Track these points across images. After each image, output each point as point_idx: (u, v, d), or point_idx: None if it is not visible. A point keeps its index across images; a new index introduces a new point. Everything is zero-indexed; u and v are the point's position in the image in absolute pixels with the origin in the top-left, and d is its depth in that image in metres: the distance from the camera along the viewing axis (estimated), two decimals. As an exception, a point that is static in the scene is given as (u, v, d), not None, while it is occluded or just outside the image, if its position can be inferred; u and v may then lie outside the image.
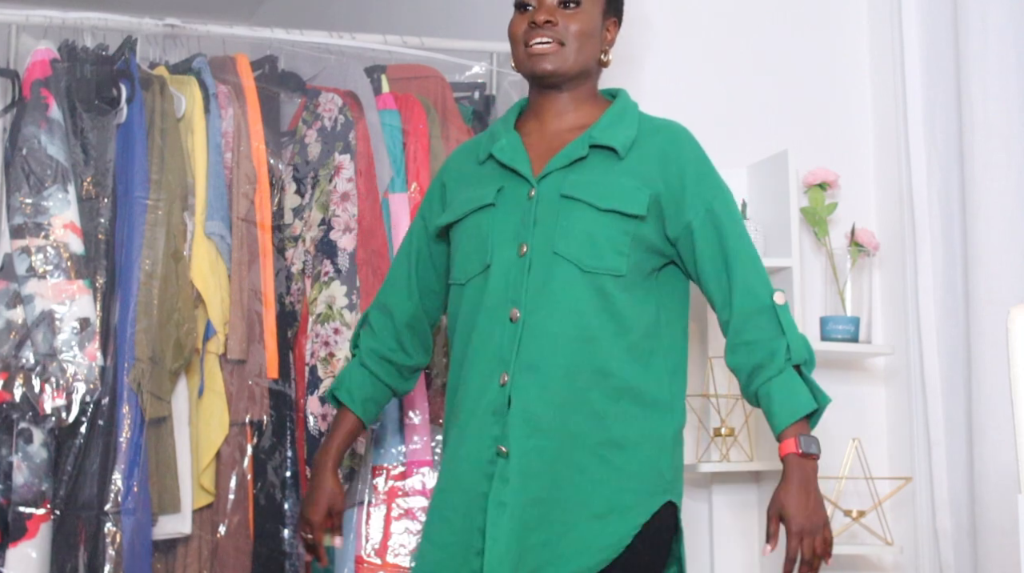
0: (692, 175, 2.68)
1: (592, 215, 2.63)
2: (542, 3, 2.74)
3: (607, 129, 2.72)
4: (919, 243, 3.56)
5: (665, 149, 2.70)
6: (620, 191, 2.64)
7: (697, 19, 3.76)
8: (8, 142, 3.40)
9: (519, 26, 2.75)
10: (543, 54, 2.71)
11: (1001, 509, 3.26)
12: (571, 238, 2.63)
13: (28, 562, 3.26)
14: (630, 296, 2.64)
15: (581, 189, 2.65)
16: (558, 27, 2.72)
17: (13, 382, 3.29)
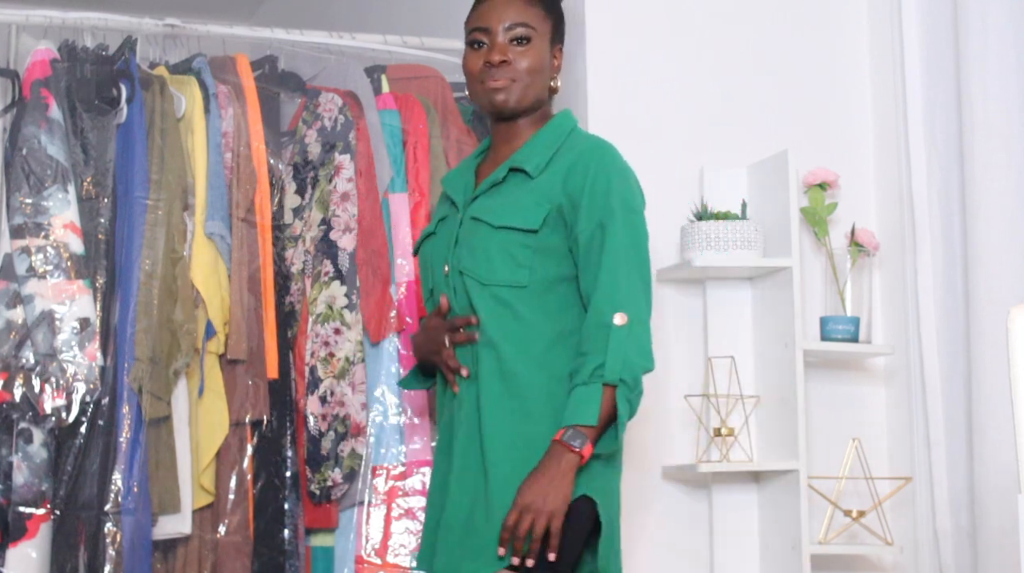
0: (590, 190, 2.75)
1: (487, 232, 2.78)
2: (495, 43, 2.85)
3: (526, 152, 2.84)
4: (919, 243, 3.56)
5: (572, 165, 2.79)
6: (517, 208, 2.77)
7: (697, 19, 3.76)
8: (8, 142, 3.40)
9: (474, 63, 2.87)
10: (500, 89, 2.84)
11: (1001, 509, 3.26)
12: (472, 256, 2.79)
13: (28, 562, 3.26)
14: (538, 305, 2.76)
15: (485, 210, 2.81)
16: (512, 65, 2.84)
17: (13, 382, 3.29)
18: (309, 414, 3.53)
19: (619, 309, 2.70)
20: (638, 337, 2.71)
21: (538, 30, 2.86)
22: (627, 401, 2.67)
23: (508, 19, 2.85)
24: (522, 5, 2.87)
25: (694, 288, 3.65)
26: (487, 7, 2.89)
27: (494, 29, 2.85)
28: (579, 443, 2.63)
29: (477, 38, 2.88)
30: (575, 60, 3.70)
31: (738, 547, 3.56)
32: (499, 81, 2.83)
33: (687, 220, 3.59)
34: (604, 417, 2.66)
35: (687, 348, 3.62)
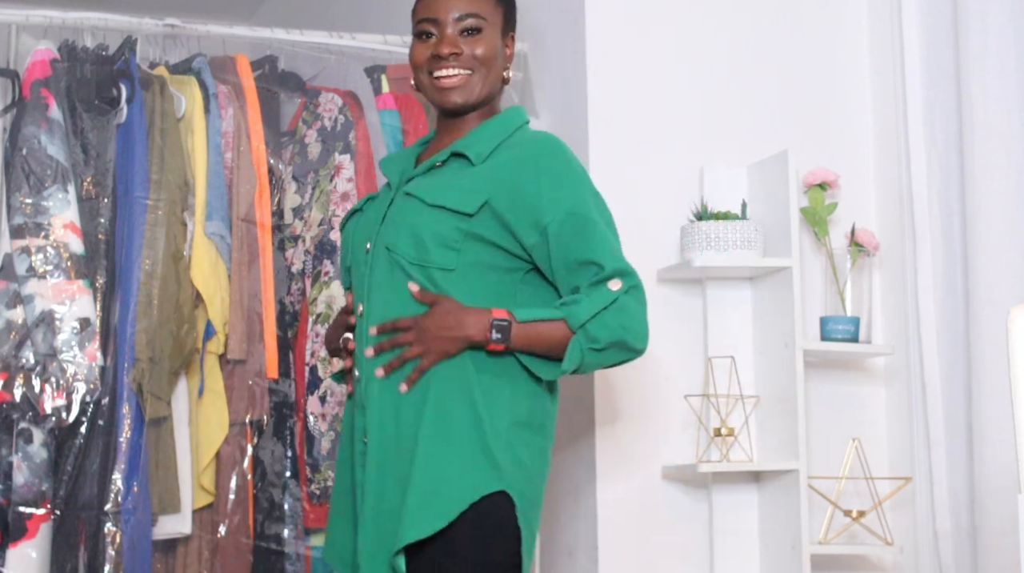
0: (547, 184, 2.66)
1: (419, 209, 2.68)
2: (444, 34, 2.75)
3: (470, 140, 2.75)
4: (919, 243, 3.56)
5: (518, 162, 2.69)
6: (455, 190, 2.67)
7: (697, 19, 3.76)
8: (8, 142, 3.40)
9: (422, 54, 2.77)
10: (451, 88, 2.75)
11: (1001, 509, 3.26)
12: (399, 232, 2.69)
13: (28, 562, 3.26)
14: (467, 291, 2.66)
15: (420, 188, 2.71)
16: (463, 56, 2.75)
17: (13, 382, 3.29)
18: (309, 414, 3.54)
19: (616, 276, 2.64)
20: (623, 309, 2.63)
21: (489, 20, 2.77)
22: (581, 350, 2.60)
23: (458, 9, 2.75)
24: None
25: (694, 288, 3.65)
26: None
27: (443, 20, 2.75)
28: (498, 336, 2.60)
29: (425, 28, 2.77)
30: (575, 60, 3.70)
31: (738, 547, 3.56)
32: (451, 78, 2.74)
33: (687, 220, 3.59)
34: (541, 337, 2.61)
35: (687, 348, 3.62)
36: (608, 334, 2.61)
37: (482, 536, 2.58)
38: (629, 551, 3.53)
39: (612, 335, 2.62)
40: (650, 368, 3.60)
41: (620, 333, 2.62)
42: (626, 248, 3.58)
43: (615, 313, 2.62)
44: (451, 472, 2.59)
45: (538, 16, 3.90)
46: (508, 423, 2.64)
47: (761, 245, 3.53)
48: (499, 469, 2.60)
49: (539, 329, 2.62)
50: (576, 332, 2.61)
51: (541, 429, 2.73)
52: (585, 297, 2.62)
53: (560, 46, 3.79)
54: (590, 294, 2.63)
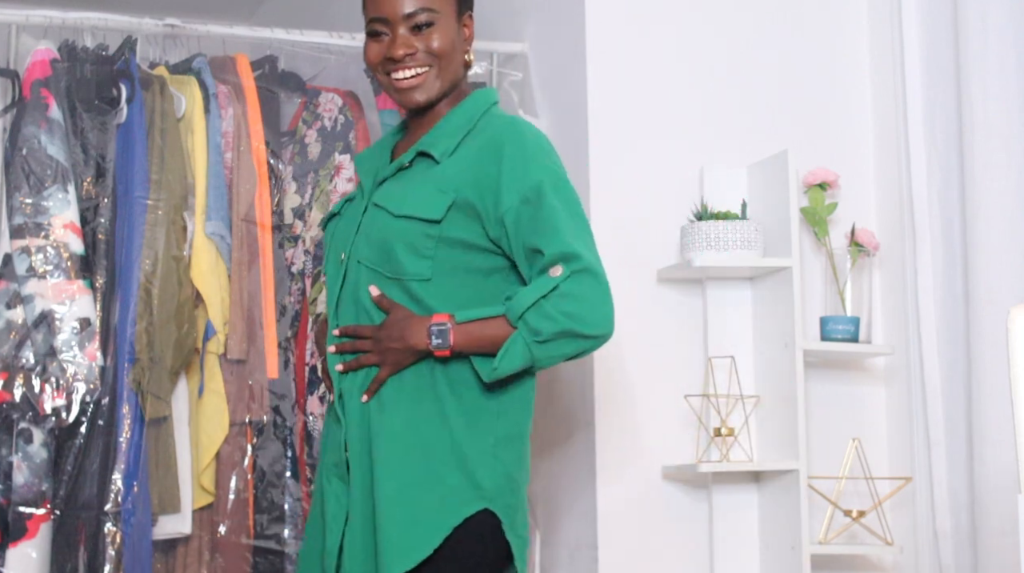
0: (506, 171, 2.57)
1: (388, 222, 2.61)
2: (396, 34, 2.66)
3: (434, 136, 2.67)
4: (919, 243, 3.56)
5: (481, 150, 2.61)
6: (420, 197, 2.60)
7: (697, 19, 3.76)
8: (8, 142, 3.40)
9: (375, 55, 2.69)
10: (410, 88, 2.67)
11: (1001, 509, 3.26)
12: (371, 246, 2.62)
13: (28, 562, 3.26)
14: (442, 296, 2.59)
15: (387, 197, 2.64)
16: (418, 55, 2.66)
17: (13, 382, 3.29)
18: (309, 414, 3.53)
19: (558, 262, 2.51)
20: (567, 296, 2.50)
21: (441, 10, 2.66)
22: (525, 345, 2.50)
23: (405, 7, 2.64)
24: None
25: (694, 288, 3.65)
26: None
27: (393, 18, 2.65)
28: (439, 341, 2.52)
29: (376, 28, 2.68)
30: (575, 60, 3.70)
31: (738, 547, 3.56)
32: (408, 79, 2.66)
33: (687, 220, 3.59)
34: (484, 336, 2.52)
35: (687, 348, 3.62)
36: (551, 324, 2.49)
37: (469, 558, 2.53)
38: (629, 551, 3.53)
39: (555, 325, 2.49)
40: (650, 368, 3.60)
41: (564, 322, 2.48)
42: (626, 248, 3.61)
43: (556, 300, 2.49)
44: (430, 499, 2.52)
45: (538, 16, 3.91)
46: (495, 440, 2.58)
47: (761, 245, 3.53)
48: (481, 488, 2.54)
49: (481, 328, 2.53)
50: (517, 326, 2.50)
51: (524, 434, 2.65)
52: (526, 288, 2.52)
53: (560, 46, 3.79)
54: (533, 283, 2.52)
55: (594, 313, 2.52)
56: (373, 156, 2.81)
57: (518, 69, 3.91)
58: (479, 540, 2.53)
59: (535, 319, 2.49)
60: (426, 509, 2.52)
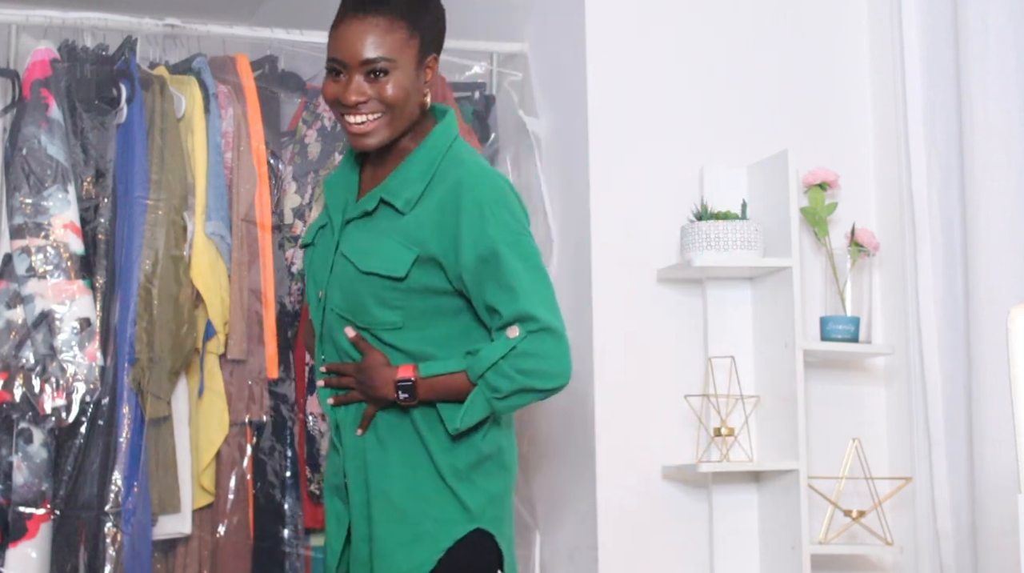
0: (464, 227, 2.61)
1: (355, 275, 2.67)
2: (351, 79, 2.64)
3: (397, 182, 2.68)
4: (919, 243, 3.56)
5: (442, 203, 2.64)
6: (384, 253, 2.65)
7: (697, 19, 3.76)
8: (8, 142, 3.40)
9: (331, 93, 2.67)
10: (360, 134, 2.66)
11: (1001, 509, 3.26)
12: (344, 296, 2.69)
13: (28, 562, 3.26)
14: (417, 340, 2.67)
15: (353, 247, 2.69)
16: (370, 102, 2.64)
17: (13, 382, 3.29)
18: (309, 414, 3.53)
19: (514, 323, 2.60)
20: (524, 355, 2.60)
21: (399, 59, 2.63)
22: (486, 401, 2.60)
23: (363, 54, 2.61)
24: (379, 34, 2.62)
25: (694, 288, 3.65)
26: (343, 35, 2.64)
27: (350, 63, 2.63)
28: (405, 395, 2.62)
29: (334, 67, 2.66)
30: (575, 60, 3.70)
31: (738, 547, 3.56)
32: (359, 124, 2.65)
33: (687, 220, 3.59)
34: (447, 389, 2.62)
35: (687, 348, 3.62)
36: (508, 383, 2.60)
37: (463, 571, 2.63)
38: (629, 551, 3.53)
39: (512, 384, 2.60)
40: (650, 368, 3.60)
41: (521, 380, 2.60)
42: (626, 248, 3.61)
43: (513, 360, 2.59)
44: (425, 524, 2.62)
45: (538, 16, 3.91)
46: (473, 462, 2.66)
47: (761, 245, 3.53)
48: (468, 511, 2.63)
49: (445, 382, 2.63)
50: (477, 383, 2.61)
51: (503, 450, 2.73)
52: (486, 347, 2.62)
53: (560, 46, 3.79)
54: (492, 343, 2.62)
55: (551, 369, 2.63)
56: (341, 182, 2.81)
57: (518, 69, 3.91)
58: (472, 557, 2.63)
59: (494, 378, 2.60)
60: (421, 535, 2.62)
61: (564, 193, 3.74)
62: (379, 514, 2.65)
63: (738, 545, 3.56)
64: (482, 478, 2.66)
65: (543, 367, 2.61)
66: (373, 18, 2.62)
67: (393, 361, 2.66)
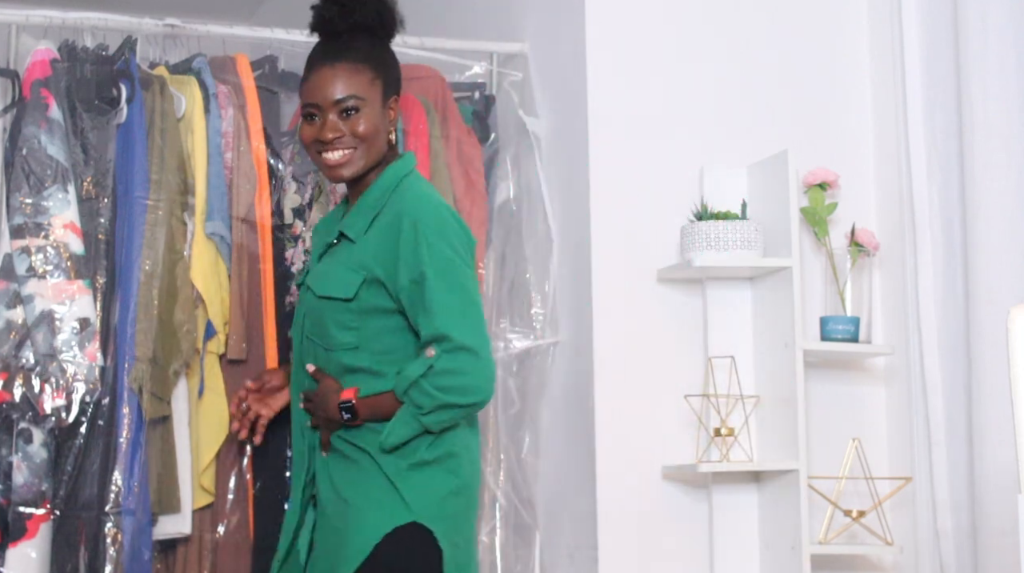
0: (401, 252, 2.87)
1: (315, 302, 2.96)
2: (326, 119, 2.95)
3: (353, 216, 2.98)
4: (919, 243, 3.56)
5: (385, 229, 2.91)
6: (336, 278, 2.93)
7: (697, 19, 3.76)
8: (8, 142, 3.39)
9: (308, 135, 2.98)
10: (337, 165, 2.96)
11: (1001, 509, 3.26)
12: (311, 321, 2.99)
13: (28, 562, 3.25)
14: (371, 360, 2.91)
15: (313, 277, 3.00)
16: (344, 138, 2.95)
17: (13, 382, 3.28)
18: (309, 414, 3.53)
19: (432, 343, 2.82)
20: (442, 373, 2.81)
21: (367, 98, 2.95)
22: (413, 416, 2.82)
23: (335, 94, 2.93)
24: (347, 76, 2.95)
25: (694, 288, 3.65)
26: (315, 82, 2.96)
27: (324, 105, 2.94)
28: (348, 415, 2.89)
29: (309, 111, 2.97)
30: (575, 60, 3.70)
31: (738, 547, 3.56)
32: (336, 158, 2.95)
33: (687, 220, 3.59)
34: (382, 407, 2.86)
35: (687, 348, 3.62)
36: (429, 400, 2.81)
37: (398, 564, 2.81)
38: (629, 551, 3.53)
39: (432, 401, 2.81)
40: (650, 368, 3.60)
41: (440, 396, 2.81)
42: (626, 248, 3.61)
43: (431, 379, 2.81)
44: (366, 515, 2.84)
45: (538, 16, 3.91)
46: (411, 464, 2.85)
47: (761, 245, 3.53)
48: (407, 504, 2.83)
49: (379, 401, 2.87)
50: (403, 401, 2.84)
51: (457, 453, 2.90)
52: (409, 366, 2.85)
53: (560, 46, 3.79)
54: (414, 363, 2.84)
55: (468, 385, 2.84)
56: (328, 226, 3.09)
57: (518, 69, 3.91)
58: (408, 549, 2.82)
59: (416, 396, 2.82)
60: (362, 524, 2.84)
61: (564, 193, 3.74)
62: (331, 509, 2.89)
63: (738, 545, 3.56)
64: (424, 478, 2.86)
65: (460, 383, 2.82)
66: (341, 64, 2.95)
67: (351, 381, 2.90)
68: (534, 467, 3.75)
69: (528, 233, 3.80)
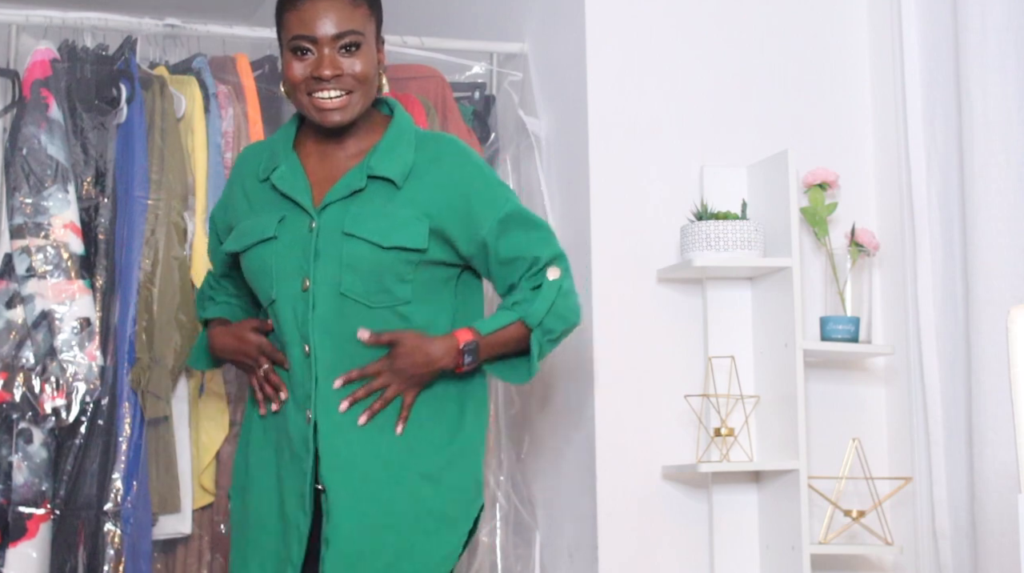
0: (476, 195, 2.72)
1: (376, 254, 2.67)
2: (323, 54, 2.67)
3: (384, 158, 2.72)
4: (919, 243, 3.56)
5: (443, 175, 2.72)
6: (401, 226, 2.68)
7: (697, 19, 3.76)
8: (8, 142, 3.40)
9: (299, 73, 2.69)
10: (333, 109, 2.68)
11: (1001, 509, 3.26)
12: (357, 277, 2.67)
13: (28, 562, 3.26)
14: (422, 312, 2.71)
15: (362, 226, 2.68)
16: (343, 77, 2.68)
17: (13, 382, 3.29)
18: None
19: (552, 264, 2.76)
20: (567, 293, 2.77)
21: (366, 33, 2.69)
22: (539, 344, 2.74)
23: (337, 28, 2.66)
24: (348, 9, 2.68)
25: (694, 288, 3.65)
26: (309, 12, 2.67)
27: (321, 38, 2.66)
28: (470, 359, 2.69)
29: (301, 45, 2.68)
30: (575, 60, 3.70)
31: (738, 547, 3.56)
32: (333, 99, 2.67)
33: (687, 220, 3.59)
34: (503, 343, 2.72)
35: (687, 348, 3.62)
36: (562, 323, 2.77)
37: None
38: (629, 551, 3.53)
39: (564, 323, 2.78)
40: (650, 368, 3.60)
41: (571, 318, 2.79)
42: (626, 248, 3.61)
43: (563, 300, 2.76)
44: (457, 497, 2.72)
45: (538, 16, 3.91)
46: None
47: (761, 245, 3.53)
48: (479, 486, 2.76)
49: (502, 336, 2.74)
50: (534, 329, 2.73)
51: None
52: (532, 293, 2.74)
53: (560, 46, 3.79)
54: (536, 288, 2.74)
55: (578, 303, 2.83)
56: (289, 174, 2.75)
57: (518, 69, 3.91)
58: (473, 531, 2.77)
59: (551, 321, 2.74)
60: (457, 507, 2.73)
61: (564, 193, 3.74)
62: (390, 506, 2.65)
63: (738, 545, 3.56)
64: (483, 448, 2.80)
65: (577, 302, 2.81)
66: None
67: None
68: (534, 467, 3.75)
69: (528, 233, 3.79)
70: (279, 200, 2.75)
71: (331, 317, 2.68)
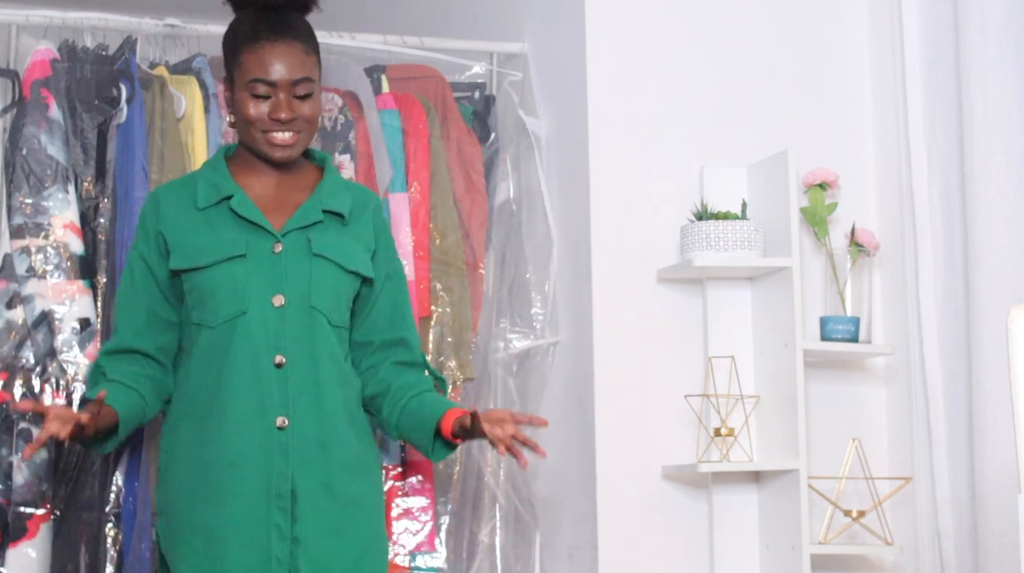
0: (383, 243, 3.01)
1: (339, 274, 2.91)
2: (279, 99, 2.88)
3: (333, 195, 2.96)
4: (919, 243, 3.56)
5: (374, 219, 3.01)
6: (357, 255, 2.94)
7: (697, 19, 3.76)
8: (8, 142, 3.39)
9: (256, 113, 2.89)
10: (284, 146, 2.91)
11: (1001, 509, 3.26)
12: (323, 294, 2.89)
13: (28, 562, 3.25)
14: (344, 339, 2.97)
15: (329, 249, 2.91)
16: (296, 120, 2.90)
17: (13, 382, 3.28)
18: (309, 414, 3.53)
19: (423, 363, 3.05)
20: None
21: (316, 80, 2.92)
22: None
23: (294, 75, 2.88)
24: (303, 56, 2.90)
25: (694, 288, 3.65)
26: (268, 57, 2.88)
27: (280, 83, 2.88)
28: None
29: (260, 90, 2.88)
30: (575, 60, 3.70)
31: (738, 547, 3.56)
32: (286, 139, 2.89)
33: (687, 220, 3.59)
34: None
35: (687, 348, 3.62)
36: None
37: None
38: (629, 551, 3.53)
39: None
40: (650, 368, 3.60)
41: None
42: (626, 248, 3.62)
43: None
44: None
45: (538, 16, 3.90)
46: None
47: (761, 245, 3.53)
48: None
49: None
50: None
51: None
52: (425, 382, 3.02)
53: (560, 46, 3.79)
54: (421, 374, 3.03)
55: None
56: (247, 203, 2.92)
57: (518, 69, 3.91)
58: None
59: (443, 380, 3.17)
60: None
61: (564, 193, 3.74)
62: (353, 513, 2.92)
63: (738, 545, 3.56)
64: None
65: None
66: (292, 43, 2.90)
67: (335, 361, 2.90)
68: (534, 467, 3.75)
69: (528, 233, 3.80)
70: (236, 224, 2.91)
71: (303, 330, 2.87)
